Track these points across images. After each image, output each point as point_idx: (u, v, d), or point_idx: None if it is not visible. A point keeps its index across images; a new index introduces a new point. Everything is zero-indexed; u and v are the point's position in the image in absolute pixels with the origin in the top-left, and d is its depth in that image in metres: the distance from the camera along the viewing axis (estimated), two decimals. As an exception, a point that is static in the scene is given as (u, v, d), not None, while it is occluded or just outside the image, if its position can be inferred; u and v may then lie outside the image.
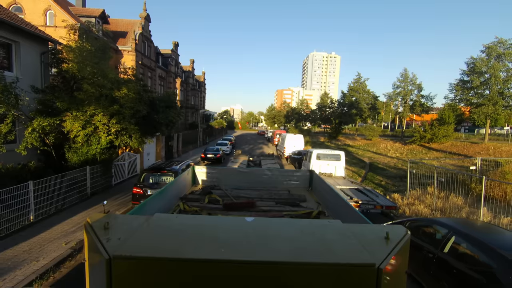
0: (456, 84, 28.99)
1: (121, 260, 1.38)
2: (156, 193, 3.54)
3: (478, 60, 25.85)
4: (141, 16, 28.60)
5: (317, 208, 3.97)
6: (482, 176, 9.67)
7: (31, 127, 8.91)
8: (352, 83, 46.29)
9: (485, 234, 4.96)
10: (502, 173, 11.21)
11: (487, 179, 9.44)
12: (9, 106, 8.06)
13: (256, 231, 1.81)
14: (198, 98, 55.45)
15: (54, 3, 21.77)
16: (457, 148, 28.03)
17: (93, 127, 9.57)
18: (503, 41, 25.12)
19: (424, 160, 21.28)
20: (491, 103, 25.20)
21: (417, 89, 36.90)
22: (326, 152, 15.36)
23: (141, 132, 10.61)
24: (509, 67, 25.49)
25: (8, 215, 7.66)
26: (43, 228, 8.14)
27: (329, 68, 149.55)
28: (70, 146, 11.34)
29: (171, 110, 11.97)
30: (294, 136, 26.24)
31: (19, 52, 10.97)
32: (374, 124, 51.02)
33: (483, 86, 26.13)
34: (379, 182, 16.87)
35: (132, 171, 15.45)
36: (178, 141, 25.26)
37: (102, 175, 12.13)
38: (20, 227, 7.98)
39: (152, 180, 9.75)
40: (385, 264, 1.42)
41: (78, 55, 9.79)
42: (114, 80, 9.89)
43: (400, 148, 32.91)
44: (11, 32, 10.58)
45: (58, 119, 9.24)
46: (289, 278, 1.41)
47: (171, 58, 38.27)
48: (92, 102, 9.39)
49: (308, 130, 56.77)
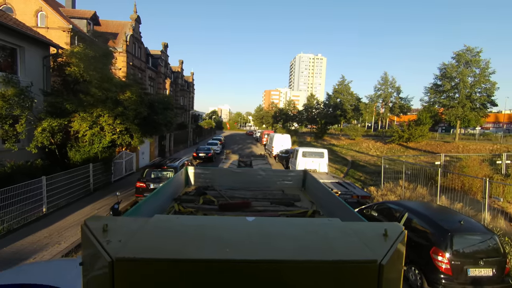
0: (430, 88, 31.46)
1: (124, 262, 1.35)
2: (150, 195, 3.53)
3: (449, 66, 28.29)
4: (132, 17, 29.02)
5: (311, 207, 4.05)
6: (437, 168, 11.31)
7: (41, 127, 9.66)
8: (337, 85, 48.43)
9: (426, 210, 6.43)
10: (460, 167, 12.97)
11: (443, 170, 11.08)
12: (24, 108, 8.82)
13: (257, 230, 1.81)
14: (187, 99, 55.83)
15: (45, 4, 21.92)
16: (431, 147, 30.37)
17: (99, 127, 10.43)
18: (471, 49, 27.65)
19: (401, 157, 23.18)
20: (460, 106, 27.67)
21: (396, 92, 39.35)
22: (311, 150, 16.78)
23: (141, 132, 11.54)
24: (476, 73, 28.06)
25: (24, 207, 8.45)
26: (56, 218, 8.96)
27: (316, 69, 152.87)
28: (72, 145, 12.07)
29: (168, 112, 12.96)
30: (282, 136, 27.61)
31: (24, 57, 11.61)
32: (359, 125, 53.43)
33: (453, 90, 28.60)
34: (359, 178, 18.47)
35: (128, 169, 16.22)
36: (170, 141, 26.02)
37: (103, 173, 12.93)
38: (35, 218, 8.78)
39: (153, 175, 10.73)
40: (386, 260, 1.45)
41: (84, 60, 10.57)
42: (118, 84, 10.77)
43: (381, 147, 35.04)
44: (16, 38, 11.22)
45: (66, 120, 10.03)
46: (293, 276, 1.42)
47: (160, 59, 38.70)
48: (99, 104, 10.25)
49: (295, 130, 58.47)
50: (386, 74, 39.00)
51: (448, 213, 6.65)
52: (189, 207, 3.76)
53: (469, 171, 12.92)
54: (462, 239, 5.39)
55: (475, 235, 5.50)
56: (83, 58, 10.91)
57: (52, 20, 20.59)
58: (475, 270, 5.20)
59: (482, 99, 27.90)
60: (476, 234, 5.52)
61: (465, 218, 5.96)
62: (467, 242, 5.41)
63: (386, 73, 39.42)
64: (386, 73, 39.94)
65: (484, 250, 5.37)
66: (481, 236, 5.50)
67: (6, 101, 8.39)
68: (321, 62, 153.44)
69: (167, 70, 42.91)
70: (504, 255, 5.42)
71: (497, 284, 5.24)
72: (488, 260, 5.26)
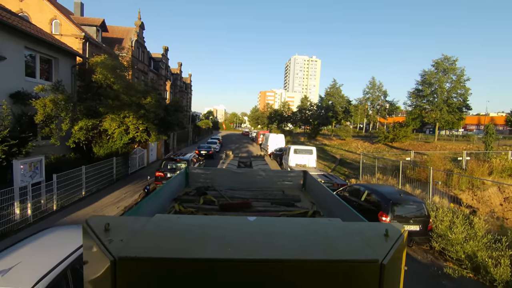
0: (412, 92, 34.36)
1: (126, 261, 1.35)
2: (151, 195, 3.59)
3: (428, 73, 31.15)
4: (136, 24, 30.95)
5: (311, 207, 4.06)
6: (400, 162, 13.82)
7: (77, 126, 11.77)
8: (329, 88, 51.16)
9: (379, 188, 8.85)
10: (425, 161, 15.50)
11: (404, 164, 13.58)
12: (68, 111, 10.93)
13: (259, 230, 1.81)
14: (186, 100, 57.83)
15: (59, 12, 23.78)
16: (413, 146, 33.16)
17: (125, 126, 12.59)
18: (448, 57, 30.57)
19: (385, 155, 25.77)
20: (438, 109, 30.54)
21: (383, 95, 42.26)
22: (301, 147, 19.24)
23: (158, 130, 13.71)
24: (453, 79, 30.97)
25: (68, 191, 10.57)
26: (93, 200, 11.10)
27: (310, 71, 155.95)
28: (96, 142, 14.16)
29: (179, 113, 15.14)
30: (277, 135, 30.05)
31: (58, 66, 13.68)
32: (351, 126, 56.21)
33: (432, 95, 31.50)
34: (344, 172, 20.97)
35: (141, 164, 18.36)
36: (174, 140, 28.13)
37: (122, 165, 15.06)
38: (77, 199, 10.91)
39: (169, 166, 12.93)
40: (387, 259, 1.46)
41: (109, 69, 12.68)
42: (140, 90, 12.94)
43: (368, 147, 37.77)
44: (54, 51, 13.29)
45: (98, 120, 12.16)
46: (295, 275, 1.42)
47: (161, 62, 40.69)
48: (125, 107, 12.39)
49: (289, 131, 60.96)
50: (374, 79, 42.18)
51: (394, 190, 9.04)
52: (190, 207, 3.76)
53: (432, 165, 15.45)
54: (399, 206, 7.79)
55: (409, 203, 7.91)
56: (108, 67, 13.01)
57: (65, 28, 22.50)
58: (408, 226, 7.58)
59: (458, 103, 30.85)
60: (409, 202, 7.93)
61: (404, 193, 8.37)
62: (403, 207, 7.81)
63: (374, 78, 42.56)
64: (373, 77, 43.18)
65: (414, 213, 7.78)
66: (413, 204, 7.91)
67: (56, 105, 10.47)
68: (316, 64, 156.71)
69: (168, 73, 45.00)
70: (428, 217, 7.83)
71: (422, 236, 7.66)
72: (416, 219, 7.68)
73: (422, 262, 7.31)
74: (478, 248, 6.65)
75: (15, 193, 8.10)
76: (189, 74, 66.86)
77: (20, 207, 8.29)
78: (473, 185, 13.48)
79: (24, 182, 8.38)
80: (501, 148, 24.64)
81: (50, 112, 10.42)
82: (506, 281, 5.81)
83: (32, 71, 12.43)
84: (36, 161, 8.86)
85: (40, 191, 9.11)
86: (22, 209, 8.37)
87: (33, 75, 12.41)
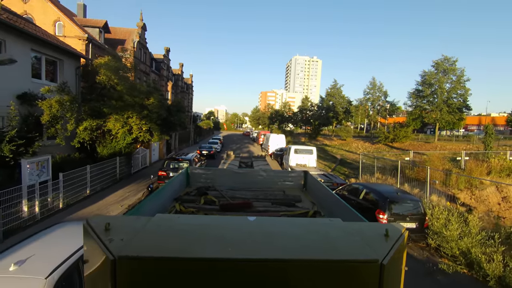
0: (412, 93, 34.50)
1: (126, 260, 1.35)
2: (152, 195, 3.62)
3: (428, 73, 31.32)
4: (138, 25, 31.23)
5: (312, 208, 4.08)
6: (399, 162, 14.00)
7: (82, 126, 12.03)
8: (329, 89, 51.35)
9: (377, 187, 9.05)
10: (423, 161, 15.67)
11: (402, 162, 13.76)
12: (73, 111, 11.19)
13: (259, 229, 1.82)
14: (187, 100, 58.15)
15: (62, 14, 24.07)
16: (414, 147, 33.28)
17: (129, 127, 12.85)
18: (448, 58, 30.70)
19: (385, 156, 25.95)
20: (438, 109, 30.68)
21: (384, 96, 42.43)
22: (301, 147, 19.47)
23: (160, 130, 13.97)
24: (453, 80, 31.12)
25: (73, 190, 10.83)
26: (98, 199, 11.36)
27: (311, 71, 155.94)
28: (100, 141, 14.42)
29: (181, 113, 15.38)
30: (277, 136, 30.30)
31: (63, 68, 13.96)
32: (352, 126, 56.38)
33: (432, 95, 31.65)
34: (344, 172, 21.16)
35: (143, 163, 18.63)
36: (176, 140, 28.40)
37: (125, 165, 15.33)
38: (82, 197, 11.17)
39: (172, 166, 13.18)
40: (387, 259, 1.46)
41: (112, 71, 12.94)
42: (143, 91, 13.20)
43: (369, 147, 37.91)
44: (59, 52, 13.57)
45: (102, 120, 12.42)
46: (296, 275, 1.43)
47: (163, 63, 40.97)
48: (129, 108, 12.65)
49: (290, 131, 61.16)
50: (374, 79, 42.29)
51: (392, 189, 9.24)
52: (190, 207, 3.77)
53: (431, 165, 15.62)
54: (396, 204, 7.99)
55: (406, 201, 8.11)
56: (112, 69, 13.27)
57: (69, 29, 22.78)
58: (404, 224, 7.77)
59: (458, 103, 30.98)
60: (406, 201, 8.13)
61: (401, 191, 8.57)
62: (400, 205, 8.01)
63: (374, 78, 42.72)
64: (374, 78, 43.25)
65: (411, 211, 7.99)
66: (410, 202, 8.11)
67: (61, 106, 10.74)
68: (317, 64, 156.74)
69: (169, 73, 45.33)
70: (424, 215, 8.03)
71: (418, 233, 7.86)
72: (413, 217, 7.88)
73: (418, 259, 7.51)
74: (472, 245, 6.84)
75: (23, 191, 8.36)
76: (190, 74, 67.23)
77: (28, 204, 8.55)
78: (472, 184, 13.64)
79: (31, 180, 8.65)
80: (500, 148, 24.78)
81: (56, 113, 10.68)
82: (498, 276, 6.01)
83: (38, 72, 12.71)
84: (43, 160, 9.12)
85: (47, 190, 9.37)
86: (30, 206, 8.64)
87: (39, 77, 12.69)
